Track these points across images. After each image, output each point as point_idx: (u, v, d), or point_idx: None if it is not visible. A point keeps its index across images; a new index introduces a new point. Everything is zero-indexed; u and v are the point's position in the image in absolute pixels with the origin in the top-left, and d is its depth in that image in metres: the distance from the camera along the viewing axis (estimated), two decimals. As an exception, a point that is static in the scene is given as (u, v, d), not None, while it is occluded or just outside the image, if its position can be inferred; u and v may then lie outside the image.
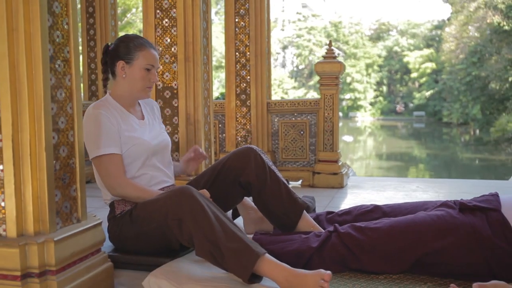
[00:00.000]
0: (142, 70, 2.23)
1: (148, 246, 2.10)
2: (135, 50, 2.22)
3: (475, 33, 28.23)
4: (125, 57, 2.22)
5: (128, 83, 2.24)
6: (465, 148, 24.42)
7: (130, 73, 2.23)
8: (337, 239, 1.99)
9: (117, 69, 2.24)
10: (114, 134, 2.14)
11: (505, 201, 1.97)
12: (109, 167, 2.10)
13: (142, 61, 2.22)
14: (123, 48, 2.23)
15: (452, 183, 4.85)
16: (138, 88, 2.25)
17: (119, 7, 16.92)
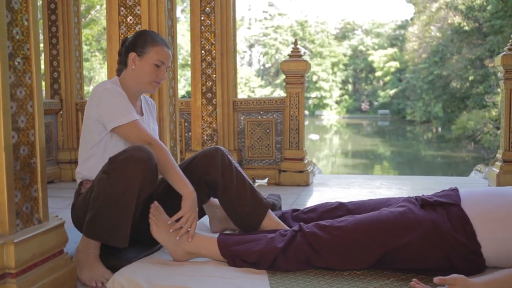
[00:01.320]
0: (151, 65, 2.27)
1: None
2: (148, 45, 2.28)
3: (437, 33, 28.84)
4: (137, 49, 2.28)
5: (136, 75, 2.29)
6: (427, 145, 24.95)
7: (139, 66, 2.28)
8: (302, 238, 2.01)
9: (129, 59, 2.30)
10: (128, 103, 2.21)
11: (464, 195, 2.01)
12: (141, 130, 2.16)
13: (153, 56, 2.27)
14: (137, 41, 2.30)
15: (415, 180, 4.95)
16: (145, 81, 2.29)
17: (82, 3, 16.61)
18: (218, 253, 2.07)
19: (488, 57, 22.00)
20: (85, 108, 2.28)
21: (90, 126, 2.24)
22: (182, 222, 2.09)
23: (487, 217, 1.90)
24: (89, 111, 2.23)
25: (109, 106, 2.17)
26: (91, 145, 2.26)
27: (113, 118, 2.15)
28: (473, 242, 1.88)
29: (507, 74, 4.07)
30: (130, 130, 2.16)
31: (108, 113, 2.16)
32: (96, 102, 2.19)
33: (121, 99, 2.19)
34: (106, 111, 2.17)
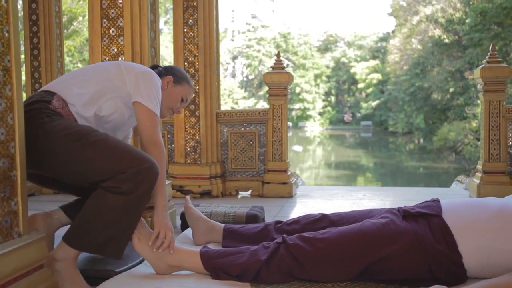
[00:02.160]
0: (179, 96, 2.45)
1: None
2: (185, 81, 2.48)
3: (418, 46, 29.26)
4: (175, 77, 2.45)
5: (163, 96, 2.38)
6: (410, 156, 25.18)
7: (170, 90, 2.43)
8: (285, 250, 2.00)
9: (164, 80, 2.42)
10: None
11: (445, 206, 2.03)
12: (156, 126, 2.21)
13: (184, 91, 2.46)
14: (177, 72, 2.49)
15: (397, 191, 4.99)
16: (166, 105, 2.42)
17: (65, 15, 16.53)
18: (201, 266, 2.06)
19: (467, 69, 22.35)
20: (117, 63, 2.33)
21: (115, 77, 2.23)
22: (161, 237, 2.07)
23: (468, 228, 1.92)
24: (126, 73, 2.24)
25: (150, 88, 2.23)
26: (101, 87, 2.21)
27: (146, 97, 2.20)
28: (455, 252, 1.89)
29: (486, 87, 4.14)
30: (149, 119, 2.19)
31: (145, 91, 2.21)
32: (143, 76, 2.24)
33: (160, 95, 2.30)
34: (147, 87, 2.22)
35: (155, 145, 2.17)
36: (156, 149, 2.16)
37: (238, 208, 3.04)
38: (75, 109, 2.17)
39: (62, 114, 2.11)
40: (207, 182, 4.33)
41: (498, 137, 4.13)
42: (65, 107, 2.15)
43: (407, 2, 31.37)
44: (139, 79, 2.23)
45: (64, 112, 2.13)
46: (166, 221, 2.11)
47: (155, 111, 2.21)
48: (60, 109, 2.12)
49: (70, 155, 1.98)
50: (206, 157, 4.39)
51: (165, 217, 2.12)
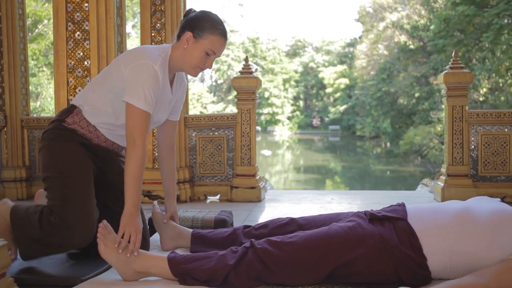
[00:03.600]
0: (202, 51, 2.23)
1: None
2: (208, 31, 2.22)
3: (384, 51, 29.77)
4: (195, 31, 2.22)
5: (184, 55, 2.25)
6: (377, 160, 25.53)
7: (191, 48, 2.24)
8: (253, 254, 2.00)
9: (183, 37, 2.25)
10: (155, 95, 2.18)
11: (410, 210, 2.08)
12: (141, 124, 2.13)
13: (208, 44, 2.23)
14: (198, 22, 2.24)
15: (364, 194, 5.05)
16: (190, 65, 2.27)
17: (29, 18, 16.21)
18: (169, 271, 2.04)
19: (432, 74, 22.85)
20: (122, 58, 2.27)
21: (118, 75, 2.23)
22: (125, 239, 2.06)
23: (431, 231, 1.96)
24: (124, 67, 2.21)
25: (139, 83, 2.14)
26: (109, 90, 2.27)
27: (133, 94, 2.13)
28: (419, 255, 1.93)
29: (449, 92, 4.24)
30: (134, 115, 2.13)
31: (133, 87, 2.14)
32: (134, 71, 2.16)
33: (155, 87, 2.16)
34: (134, 84, 2.14)
35: (133, 144, 2.12)
36: (132, 148, 2.12)
37: (206, 213, 3.02)
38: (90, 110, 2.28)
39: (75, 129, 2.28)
40: (175, 187, 4.29)
41: (461, 141, 4.23)
42: (82, 120, 2.29)
43: (374, 8, 31.91)
44: (130, 75, 2.18)
45: (78, 127, 2.29)
46: (133, 222, 2.08)
47: (140, 107, 2.13)
48: (73, 125, 2.29)
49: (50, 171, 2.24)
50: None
51: (132, 218, 2.08)
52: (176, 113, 2.55)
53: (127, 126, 2.16)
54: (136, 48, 2.33)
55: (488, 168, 4.26)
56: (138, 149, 2.12)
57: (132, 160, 2.11)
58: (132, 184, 2.11)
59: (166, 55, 2.28)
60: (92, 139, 2.32)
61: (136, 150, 2.11)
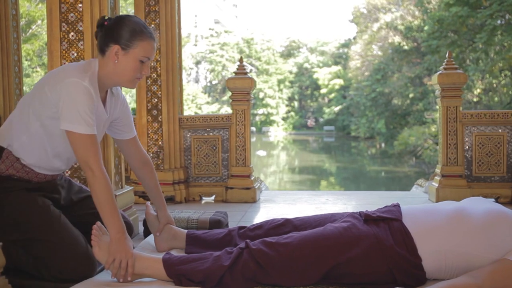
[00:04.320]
0: (136, 61, 2.07)
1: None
2: (136, 39, 2.05)
3: (378, 52, 29.86)
4: (122, 42, 2.05)
5: (117, 70, 2.08)
6: (371, 161, 25.60)
7: (123, 61, 2.07)
8: (248, 255, 2.00)
9: (110, 52, 2.06)
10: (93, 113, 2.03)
11: (405, 211, 2.08)
12: (91, 149, 2.00)
13: (140, 52, 2.06)
14: (123, 32, 2.05)
15: (359, 195, 5.06)
16: (128, 79, 2.11)
17: (23, 18, 16.14)
18: (164, 273, 2.03)
19: (426, 75, 22.95)
20: (43, 81, 2.10)
21: (45, 102, 2.06)
22: (116, 266, 2.01)
23: (426, 232, 1.96)
24: (48, 90, 2.04)
25: (74, 106, 1.98)
26: (35, 118, 2.09)
27: (72, 120, 1.98)
28: (414, 255, 1.93)
29: (443, 92, 4.25)
30: (81, 143, 1.99)
31: (69, 112, 1.98)
32: (63, 93, 1.99)
33: (90, 105, 2.00)
34: (70, 109, 1.98)
35: (92, 174, 2.00)
36: (92, 179, 2.01)
37: (201, 214, 3.02)
38: (18, 148, 2.12)
39: (10, 175, 2.12)
40: (170, 188, 4.29)
41: (455, 142, 4.24)
42: (15, 162, 2.13)
43: (368, 9, 32.00)
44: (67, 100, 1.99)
45: (13, 171, 2.13)
46: (121, 247, 2.01)
47: (83, 131, 1.99)
48: (7, 172, 2.12)
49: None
50: (169, 162, 4.35)
51: (119, 243, 2.01)
52: (129, 130, 2.38)
53: (77, 157, 2.03)
54: (58, 68, 2.16)
55: (482, 168, 4.27)
56: (99, 178, 2.00)
57: (98, 190, 2.00)
58: (108, 212, 2.02)
59: (93, 72, 2.10)
60: (32, 179, 2.17)
61: (97, 180, 2.00)
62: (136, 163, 2.43)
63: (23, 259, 2.11)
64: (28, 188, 2.16)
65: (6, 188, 2.11)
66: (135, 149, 2.42)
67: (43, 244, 2.07)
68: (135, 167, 2.44)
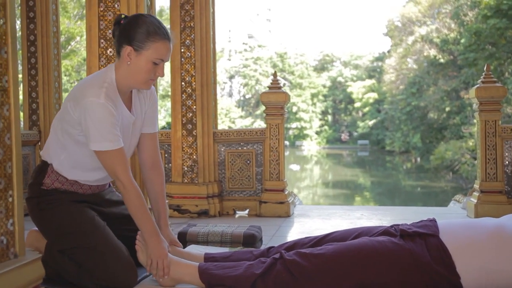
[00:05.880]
0: (149, 63, 2.04)
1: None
2: (148, 40, 2.02)
3: (413, 65, 29.49)
4: (135, 43, 2.02)
5: (130, 72, 2.08)
6: (407, 175, 25.19)
7: (135, 62, 2.05)
8: (282, 266, 2.00)
9: (123, 52, 2.06)
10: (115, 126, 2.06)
11: (442, 226, 2.03)
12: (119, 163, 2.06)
13: (152, 54, 2.03)
14: (135, 33, 2.02)
15: (395, 210, 4.98)
16: (140, 80, 2.09)
17: (62, 35, 16.62)
18: (199, 278, 2.08)
19: (463, 88, 22.51)
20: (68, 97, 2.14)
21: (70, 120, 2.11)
22: (154, 267, 2.11)
23: (465, 248, 1.91)
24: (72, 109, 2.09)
25: (94, 126, 2.02)
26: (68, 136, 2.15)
27: (98, 139, 2.03)
28: (453, 273, 1.89)
29: (481, 106, 4.16)
30: (108, 159, 2.06)
31: (95, 133, 2.03)
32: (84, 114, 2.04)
33: (109, 120, 2.03)
34: (91, 129, 2.03)
35: (123, 187, 2.08)
36: (124, 191, 2.09)
37: (235, 228, 3.02)
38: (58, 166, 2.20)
39: (56, 189, 2.21)
40: (204, 202, 4.31)
41: (494, 157, 4.14)
42: (60, 176, 2.22)
43: (402, 22, 31.71)
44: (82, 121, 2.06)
45: (59, 184, 2.22)
46: (155, 250, 2.10)
47: (108, 148, 2.04)
48: (53, 185, 2.22)
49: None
50: (203, 176, 4.38)
51: (153, 246, 2.11)
52: (150, 124, 2.34)
53: (108, 171, 2.12)
54: (78, 85, 2.18)
55: (523, 184, 4.15)
56: (128, 189, 2.07)
57: (129, 200, 2.09)
58: (140, 219, 2.11)
59: (111, 80, 2.11)
60: (77, 190, 2.24)
61: (127, 191, 2.07)
62: (148, 162, 2.37)
63: (68, 268, 2.17)
64: (73, 200, 2.23)
65: (54, 200, 2.20)
66: (151, 146, 2.36)
67: (88, 252, 2.13)
68: (145, 166, 2.37)
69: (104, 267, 2.11)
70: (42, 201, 2.21)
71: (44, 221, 2.23)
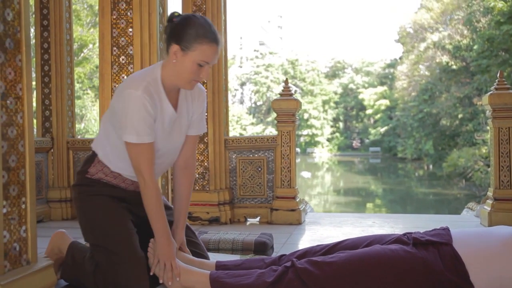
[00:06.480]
0: (194, 64, 2.04)
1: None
2: (196, 42, 2.02)
3: (425, 72, 29.35)
4: (182, 43, 2.03)
5: (175, 70, 2.09)
6: (419, 182, 25.02)
7: (181, 62, 2.05)
8: (293, 274, 1.99)
9: (170, 50, 2.07)
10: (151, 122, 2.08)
11: (455, 235, 2.02)
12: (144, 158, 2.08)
13: (198, 56, 2.03)
14: (184, 33, 2.03)
15: (407, 218, 4.94)
16: (184, 80, 2.09)
17: (75, 42, 16.79)
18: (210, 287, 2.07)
19: (476, 95, 22.35)
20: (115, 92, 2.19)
21: (113, 111, 2.17)
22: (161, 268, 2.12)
23: (479, 257, 1.89)
24: (116, 99, 2.15)
25: (127, 117, 2.06)
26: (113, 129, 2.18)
27: (129, 131, 2.06)
28: (466, 282, 1.87)
29: (494, 113, 4.13)
30: (133, 151, 2.08)
31: (126, 124, 2.06)
32: (121, 104, 2.09)
33: (143, 114, 2.05)
34: (124, 119, 2.07)
35: (144, 182, 2.10)
36: (144, 186, 2.10)
37: (246, 236, 3.02)
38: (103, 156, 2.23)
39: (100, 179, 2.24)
40: (215, 209, 4.31)
41: (508, 164, 4.09)
42: (104, 167, 2.24)
43: (414, 29, 31.61)
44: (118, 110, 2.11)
45: (102, 174, 2.24)
46: (164, 251, 2.11)
47: (134, 141, 2.06)
48: (96, 175, 2.24)
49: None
50: (215, 183, 4.38)
51: (162, 247, 2.12)
52: (195, 126, 2.33)
53: (132, 164, 2.12)
54: (126, 78, 2.23)
55: (537, 191, 4.10)
56: (149, 186, 2.09)
57: (147, 197, 2.11)
58: (155, 218, 2.12)
59: (156, 76, 2.13)
60: (119, 184, 2.26)
61: (147, 188, 2.09)
62: (181, 162, 2.36)
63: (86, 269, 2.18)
64: (113, 196, 2.24)
65: (93, 191, 2.23)
66: (190, 148, 2.36)
67: (108, 253, 2.13)
68: (178, 166, 2.37)
69: (117, 271, 2.10)
70: (84, 190, 2.24)
71: (81, 210, 2.26)
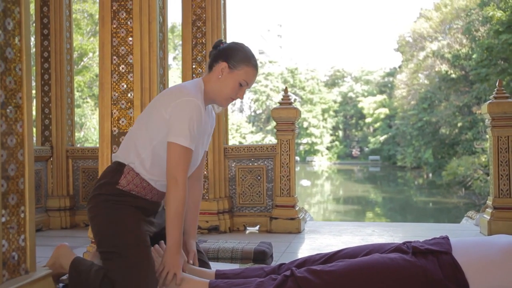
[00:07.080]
0: (236, 82, 2.25)
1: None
2: (243, 63, 2.25)
3: (425, 81, 29.42)
4: (231, 61, 2.25)
5: (218, 86, 2.26)
6: (419, 191, 24.97)
7: (225, 78, 2.25)
8: (293, 283, 1.99)
9: (217, 67, 2.26)
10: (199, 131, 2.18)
11: (455, 244, 2.01)
12: (182, 162, 2.12)
13: (242, 75, 2.25)
14: (233, 53, 2.26)
15: (406, 226, 4.93)
16: (224, 96, 2.27)
17: (75, 51, 16.83)
18: None
19: (475, 104, 22.38)
20: (160, 101, 2.24)
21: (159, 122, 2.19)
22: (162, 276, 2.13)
23: (479, 266, 1.89)
24: (164, 110, 2.18)
25: (185, 121, 2.12)
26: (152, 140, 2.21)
27: (178, 133, 2.12)
28: (466, 291, 1.86)
29: (494, 122, 4.14)
30: (178, 153, 2.11)
31: (178, 126, 2.12)
32: (177, 109, 2.14)
33: (199, 123, 2.16)
34: (179, 123, 2.13)
35: (175, 183, 2.11)
36: (174, 187, 2.11)
37: (246, 244, 3.02)
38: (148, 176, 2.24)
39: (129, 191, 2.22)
40: (214, 218, 4.31)
41: (507, 173, 4.10)
42: (135, 178, 2.24)
43: (413, 38, 31.72)
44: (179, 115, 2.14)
45: (133, 186, 2.23)
46: (172, 260, 2.12)
47: (185, 144, 2.11)
48: (127, 186, 2.23)
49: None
50: (214, 192, 4.38)
51: (171, 256, 2.12)
52: (207, 142, 2.48)
53: (168, 165, 2.13)
54: (173, 88, 2.30)
55: (537, 200, 4.09)
56: (179, 189, 2.10)
57: (174, 200, 2.10)
58: (173, 223, 2.11)
59: (201, 89, 2.28)
60: (147, 195, 2.27)
61: (178, 190, 2.10)
62: (195, 174, 2.45)
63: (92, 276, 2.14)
64: (138, 206, 2.24)
65: (123, 202, 2.21)
66: (202, 161, 2.47)
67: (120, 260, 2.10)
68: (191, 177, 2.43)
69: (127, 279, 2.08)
70: (112, 198, 2.22)
71: (102, 217, 2.22)
